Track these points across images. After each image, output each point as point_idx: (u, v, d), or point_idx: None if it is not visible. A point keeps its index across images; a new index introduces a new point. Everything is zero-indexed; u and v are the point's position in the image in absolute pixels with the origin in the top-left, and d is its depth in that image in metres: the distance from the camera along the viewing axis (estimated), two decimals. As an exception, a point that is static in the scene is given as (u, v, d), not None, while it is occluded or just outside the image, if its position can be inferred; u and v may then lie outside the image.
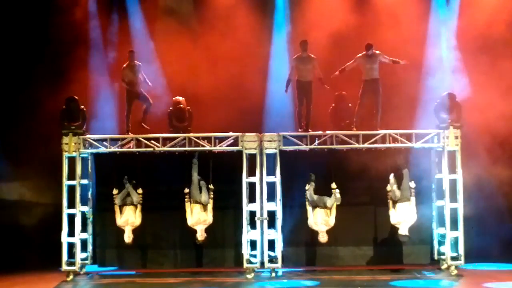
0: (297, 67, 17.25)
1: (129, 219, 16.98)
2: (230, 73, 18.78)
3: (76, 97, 17.17)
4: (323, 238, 16.62)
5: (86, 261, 17.23)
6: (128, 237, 16.93)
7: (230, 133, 17.05)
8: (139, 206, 17.02)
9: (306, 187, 16.75)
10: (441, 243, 17.05)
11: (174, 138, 17.08)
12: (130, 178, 17.03)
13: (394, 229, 17.01)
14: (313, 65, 17.25)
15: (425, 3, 19.63)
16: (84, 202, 17.16)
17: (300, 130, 17.19)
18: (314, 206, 16.69)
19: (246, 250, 16.72)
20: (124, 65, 17.62)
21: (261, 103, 19.05)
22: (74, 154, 16.96)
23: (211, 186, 17.00)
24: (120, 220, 17.02)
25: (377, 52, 17.16)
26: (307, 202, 16.74)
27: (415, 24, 19.19)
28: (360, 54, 17.19)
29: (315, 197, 16.72)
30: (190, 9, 19.81)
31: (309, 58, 17.26)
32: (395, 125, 17.20)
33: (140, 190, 17.09)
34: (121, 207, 17.01)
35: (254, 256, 16.75)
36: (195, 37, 19.11)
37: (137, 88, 17.54)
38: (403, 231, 16.58)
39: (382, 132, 16.95)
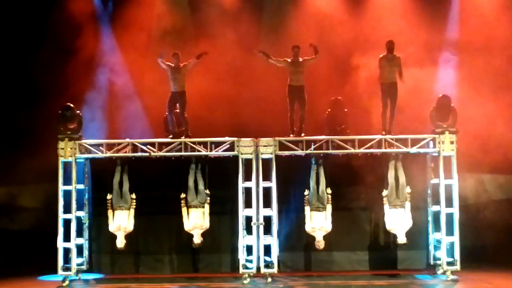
0: (289, 72, 17.19)
1: (121, 224, 16.96)
2: (225, 77, 18.76)
3: (72, 105, 17.13)
4: (320, 245, 16.67)
5: (82, 266, 17.18)
6: (120, 242, 16.92)
7: (226, 138, 17.05)
8: (131, 211, 17.01)
9: (306, 192, 16.83)
10: (437, 248, 17.09)
11: (170, 143, 17.08)
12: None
13: (390, 234, 17.11)
14: (305, 66, 17.14)
15: (421, 7, 19.62)
16: (79, 207, 17.11)
17: (292, 135, 17.15)
18: (313, 209, 16.71)
19: (242, 255, 16.71)
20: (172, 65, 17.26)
21: (256, 107, 19.01)
22: (70, 159, 16.93)
23: (207, 191, 17.03)
24: (112, 225, 17.00)
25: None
26: (306, 206, 16.78)
27: (411, 27, 19.20)
28: (382, 55, 17.16)
29: (315, 199, 16.78)
30: (186, 15, 19.79)
31: (301, 62, 17.18)
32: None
33: (133, 195, 17.08)
34: (113, 212, 16.98)
35: (250, 261, 16.74)
36: (190, 42, 19.05)
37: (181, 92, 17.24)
38: (402, 239, 16.65)
39: (377, 137, 16.98)
